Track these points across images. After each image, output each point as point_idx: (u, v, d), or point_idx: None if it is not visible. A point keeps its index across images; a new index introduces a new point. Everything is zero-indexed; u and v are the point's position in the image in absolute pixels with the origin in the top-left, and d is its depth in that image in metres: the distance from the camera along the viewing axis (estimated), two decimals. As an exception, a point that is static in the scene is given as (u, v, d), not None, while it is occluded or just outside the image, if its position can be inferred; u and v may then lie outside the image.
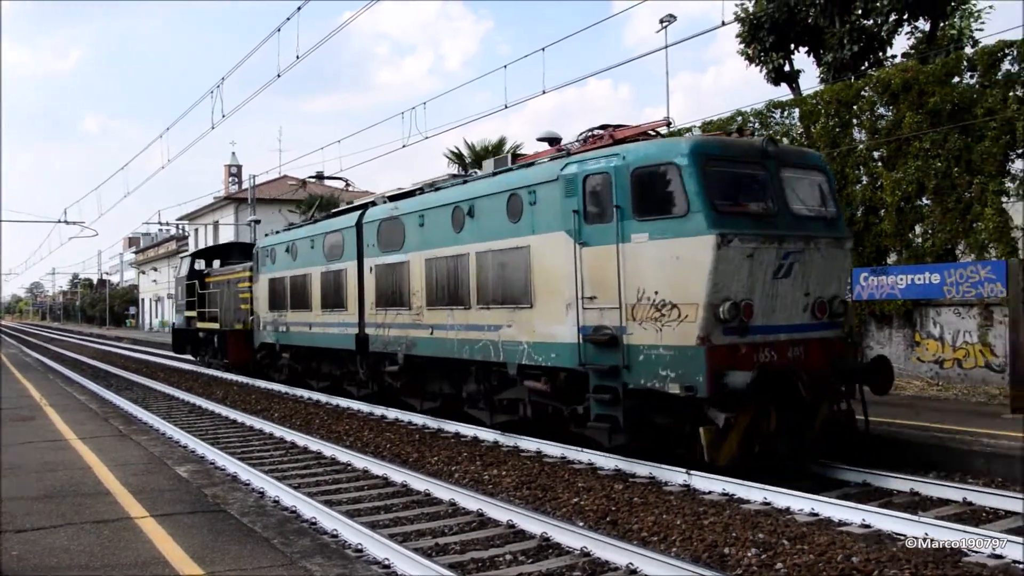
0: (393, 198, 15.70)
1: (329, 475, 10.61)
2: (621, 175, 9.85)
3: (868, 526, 7.61)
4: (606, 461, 10.42)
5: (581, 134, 12.10)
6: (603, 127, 11.73)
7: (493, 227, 12.05)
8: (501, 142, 32.91)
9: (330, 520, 7.82)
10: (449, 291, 13.13)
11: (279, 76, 18.46)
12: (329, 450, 11.93)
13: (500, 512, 8.13)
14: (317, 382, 19.34)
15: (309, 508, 8.31)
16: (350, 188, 22.83)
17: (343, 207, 19.29)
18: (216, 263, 28.09)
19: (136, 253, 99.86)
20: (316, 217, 20.72)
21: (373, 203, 16.44)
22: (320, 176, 24.25)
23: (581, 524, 7.81)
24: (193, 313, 27.51)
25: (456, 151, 33.76)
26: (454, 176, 15.89)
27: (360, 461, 11.05)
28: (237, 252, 27.62)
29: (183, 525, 6.95)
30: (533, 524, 7.65)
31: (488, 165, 13.71)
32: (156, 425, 14.55)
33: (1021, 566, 6.44)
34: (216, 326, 25.41)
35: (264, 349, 21.93)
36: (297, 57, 17.39)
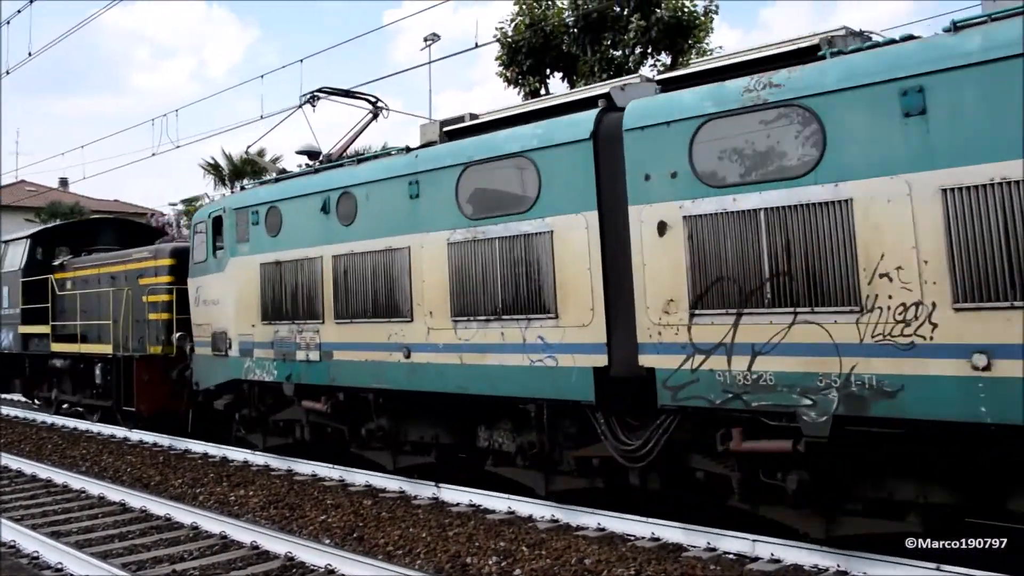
0: (668, 84, 7.92)
1: (59, 504, 9.88)
2: None
3: (603, 529, 8.05)
4: (356, 477, 10.41)
5: None
6: None
7: None
8: (261, 153, 32.17)
9: (55, 553, 7.34)
10: None
11: (8, 73, 17.07)
12: (61, 477, 11.10)
13: (244, 533, 7.93)
14: (393, 456, 10.51)
15: (31, 541, 7.73)
16: (383, 112, 12.05)
17: (484, 117, 9.78)
18: (63, 249, 18.25)
19: None
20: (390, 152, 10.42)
21: (606, 97, 8.14)
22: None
23: (327, 542, 7.79)
24: (42, 328, 17.29)
25: (213, 162, 32.63)
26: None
27: (96, 487, 10.37)
28: (111, 232, 18.52)
29: None
30: (277, 544, 7.53)
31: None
32: None
33: (731, 556, 7.10)
34: (104, 350, 15.54)
35: (234, 390, 12.66)
36: (30, 54, 16.17)
